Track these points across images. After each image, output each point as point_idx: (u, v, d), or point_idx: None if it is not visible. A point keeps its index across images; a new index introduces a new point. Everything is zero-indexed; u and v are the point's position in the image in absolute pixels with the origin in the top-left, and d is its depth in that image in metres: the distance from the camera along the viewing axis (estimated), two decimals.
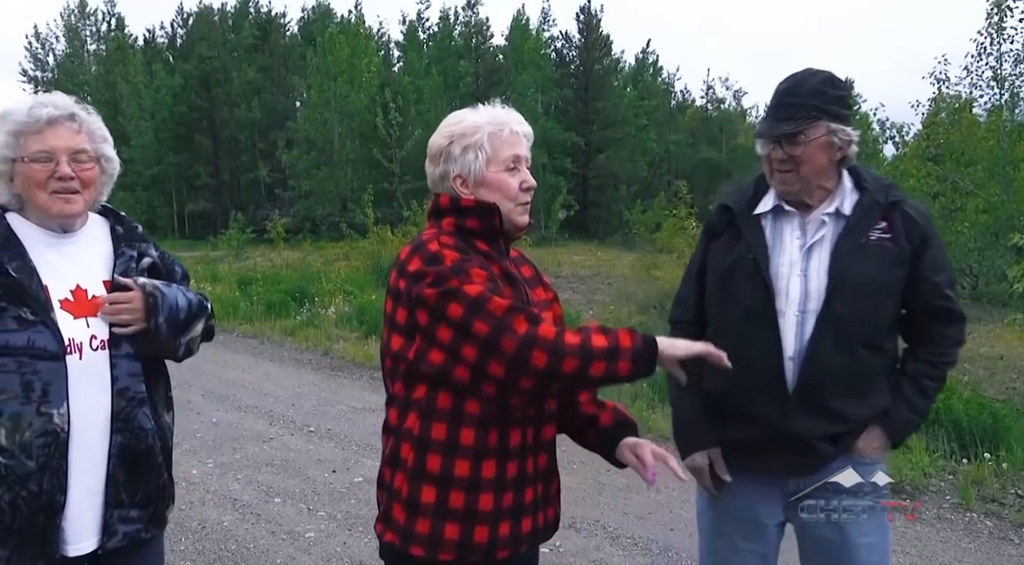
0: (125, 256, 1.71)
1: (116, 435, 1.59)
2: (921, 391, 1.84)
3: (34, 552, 1.53)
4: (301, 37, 42.44)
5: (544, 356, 1.37)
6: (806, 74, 1.80)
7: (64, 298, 1.58)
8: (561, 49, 38.70)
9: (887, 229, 1.77)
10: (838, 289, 1.73)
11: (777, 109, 1.79)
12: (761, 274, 1.79)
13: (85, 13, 41.71)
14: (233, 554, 3.54)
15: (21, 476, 1.49)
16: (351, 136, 31.68)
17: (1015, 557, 3.56)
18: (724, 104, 46.53)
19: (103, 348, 1.60)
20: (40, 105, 1.59)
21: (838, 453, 1.80)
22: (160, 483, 1.70)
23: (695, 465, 1.92)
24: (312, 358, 8.29)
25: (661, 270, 12.96)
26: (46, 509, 1.51)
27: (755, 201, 1.89)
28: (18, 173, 1.58)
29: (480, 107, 1.63)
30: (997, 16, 12.19)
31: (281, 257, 17.57)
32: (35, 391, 1.50)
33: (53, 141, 1.58)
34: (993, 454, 4.53)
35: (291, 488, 4.36)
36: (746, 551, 1.91)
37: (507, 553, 1.56)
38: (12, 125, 1.57)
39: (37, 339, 1.51)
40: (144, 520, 1.66)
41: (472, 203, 1.58)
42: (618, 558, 3.51)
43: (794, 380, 1.77)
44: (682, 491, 4.36)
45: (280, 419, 5.78)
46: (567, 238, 27.93)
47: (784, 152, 1.76)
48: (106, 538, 1.60)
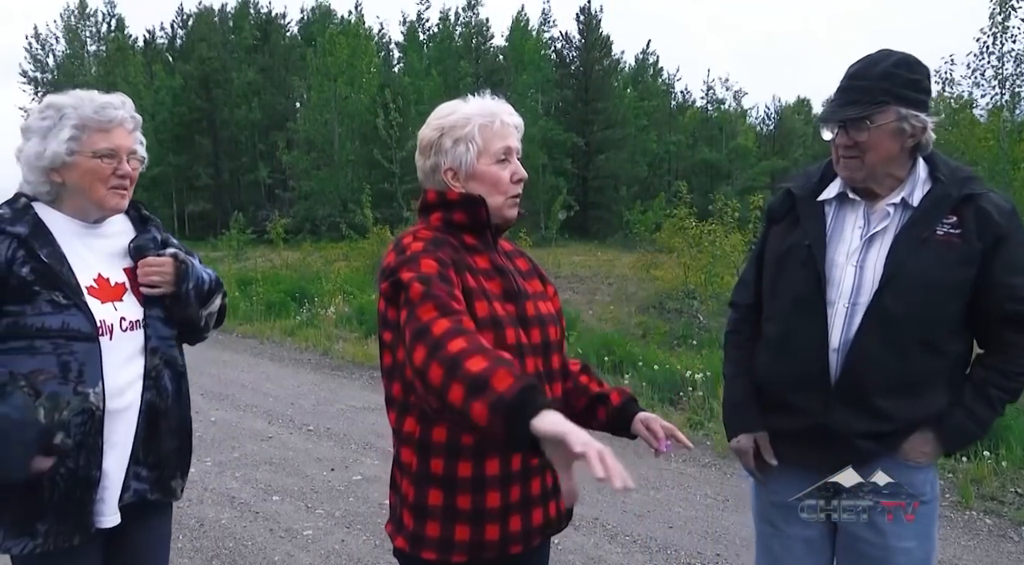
0: (149, 234, 1.81)
1: (146, 392, 1.69)
2: (984, 399, 1.71)
3: (71, 526, 1.59)
4: (301, 38, 42.45)
5: (423, 352, 1.25)
6: (880, 55, 1.69)
7: (90, 285, 1.66)
8: (561, 50, 38.74)
9: (956, 224, 1.65)
10: (891, 283, 1.65)
11: (844, 92, 1.70)
12: (814, 262, 1.73)
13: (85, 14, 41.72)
14: (231, 551, 3.54)
15: (60, 453, 1.56)
16: (351, 137, 31.69)
17: (1014, 554, 3.56)
18: (724, 104, 46.50)
19: (132, 329, 1.69)
20: (111, 106, 1.68)
21: (882, 452, 1.72)
22: (171, 448, 1.77)
23: (739, 447, 1.90)
24: (312, 358, 8.28)
25: (661, 270, 12.97)
26: (83, 484, 1.58)
27: (820, 187, 1.83)
28: (78, 166, 1.64)
29: (470, 98, 1.62)
30: (1001, 15, 12.19)
31: (281, 257, 17.56)
32: (72, 371, 1.57)
33: (118, 140, 1.68)
34: (993, 453, 4.53)
35: (289, 486, 4.35)
36: (789, 536, 1.87)
37: (520, 548, 1.54)
38: (78, 120, 1.64)
39: (71, 321, 1.58)
40: (151, 481, 1.72)
41: (458, 196, 1.57)
42: (617, 556, 3.50)
43: (837, 373, 1.71)
44: (682, 489, 4.36)
45: (279, 418, 5.77)
46: (567, 238, 27.94)
47: (849, 138, 1.68)
48: (123, 493, 1.67)
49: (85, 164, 1.64)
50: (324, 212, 29.70)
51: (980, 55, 12.64)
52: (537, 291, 1.68)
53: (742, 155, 41.00)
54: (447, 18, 40.52)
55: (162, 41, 45.74)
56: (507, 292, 1.56)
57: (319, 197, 30.87)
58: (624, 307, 11.28)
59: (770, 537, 1.92)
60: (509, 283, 1.57)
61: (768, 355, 1.86)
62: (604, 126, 36.29)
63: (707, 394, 5.90)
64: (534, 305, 1.61)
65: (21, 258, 1.57)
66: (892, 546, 1.74)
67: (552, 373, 1.61)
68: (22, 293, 1.56)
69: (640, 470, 4.63)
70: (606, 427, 1.75)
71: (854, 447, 1.73)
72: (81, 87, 1.76)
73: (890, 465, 1.75)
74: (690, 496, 4.25)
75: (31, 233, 1.60)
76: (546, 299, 1.70)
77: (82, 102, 1.66)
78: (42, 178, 1.66)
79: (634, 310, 11.22)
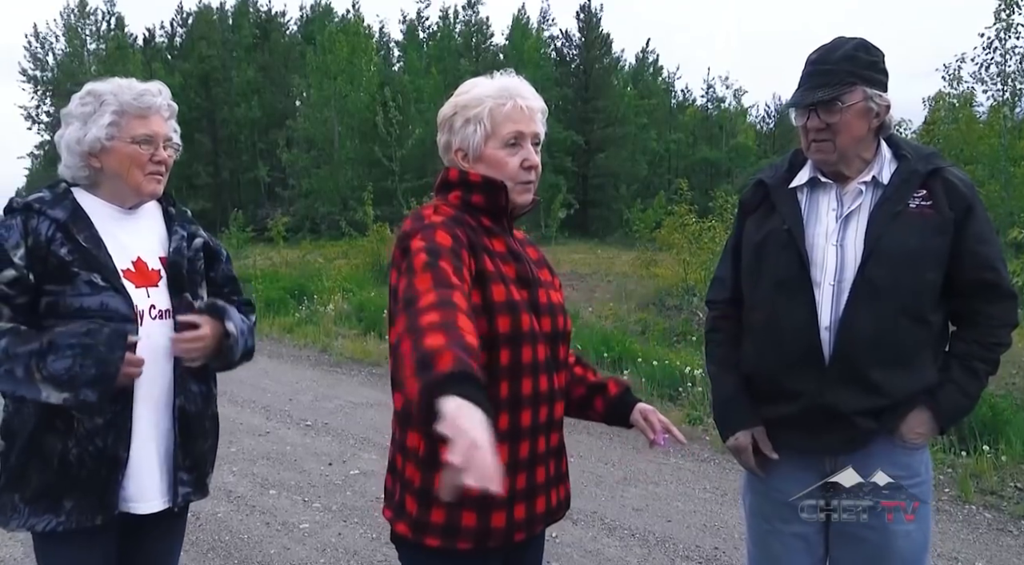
0: (178, 234, 1.82)
1: (177, 398, 1.71)
2: (972, 373, 1.75)
3: (94, 504, 1.62)
4: (301, 36, 42.40)
5: (402, 322, 1.21)
6: (837, 42, 1.74)
7: (126, 268, 1.68)
8: (561, 48, 38.73)
9: (927, 197, 1.70)
10: (873, 257, 1.68)
11: (810, 77, 1.72)
12: (795, 244, 1.75)
13: (85, 12, 41.64)
14: (227, 544, 3.52)
15: (89, 431, 1.60)
16: (351, 135, 31.65)
17: (1014, 548, 3.55)
18: (724, 103, 46.47)
19: (161, 317, 1.71)
20: (149, 93, 1.71)
21: (880, 430, 1.73)
22: (205, 449, 1.82)
23: (737, 445, 1.87)
24: (310, 355, 8.27)
25: (660, 268, 12.95)
26: (109, 464, 1.61)
27: (790, 175, 1.85)
28: (116, 152, 1.68)
29: (496, 75, 1.57)
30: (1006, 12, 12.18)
31: (281, 255, 17.54)
32: None
33: (155, 126, 1.72)
34: (992, 447, 4.52)
35: (286, 480, 4.34)
36: (787, 534, 1.85)
37: (523, 535, 1.53)
38: (118, 106, 1.68)
39: (109, 302, 1.61)
40: (191, 484, 1.77)
41: (479, 179, 1.53)
42: (615, 549, 3.49)
43: (830, 351, 1.71)
44: (680, 484, 4.35)
45: (277, 413, 5.76)
46: (567, 237, 27.94)
47: (821, 120, 1.70)
48: (174, 498, 1.72)
49: (123, 149, 1.68)
50: (324, 210, 29.68)
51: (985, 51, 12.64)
52: (547, 280, 1.67)
53: (742, 153, 40.99)
54: (447, 16, 40.49)
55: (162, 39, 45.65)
56: (522, 278, 1.54)
57: (319, 195, 30.84)
58: (624, 304, 11.25)
59: (767, 534, 1.89)
60: (524, 269, 1.55)
61: (756, 343, 1.86)
62: (604, 124, 36.28)
63: (706, 390, 5.88)
64: (546, 293, 1.59)
65: (60, 239, 1.61)
66: (893, 530, 1.74)
67: (558, 363, 1.59)
68: (61, 273, 1.59)
69: (639, 465, 4.63)
70: (603, 418, 1.74)
71: (853, 425, 1.72)
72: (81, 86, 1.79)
73: (887, 448, 1.75)
74: (688, 490, 4.24)
75: (70, 217, 1.64)
76: (555, 290, 1.68)
77: (121, 89, 1.70)
78: (81, 163, 1.69)
79: (634, 307, 11.20)
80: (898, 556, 1.75)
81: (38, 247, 1.59)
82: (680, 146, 41.80)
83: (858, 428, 1.73)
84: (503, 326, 1.44)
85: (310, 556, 3.41)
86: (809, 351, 1.73)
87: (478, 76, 1.62)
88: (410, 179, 27.69)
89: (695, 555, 3.44)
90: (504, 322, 1.44)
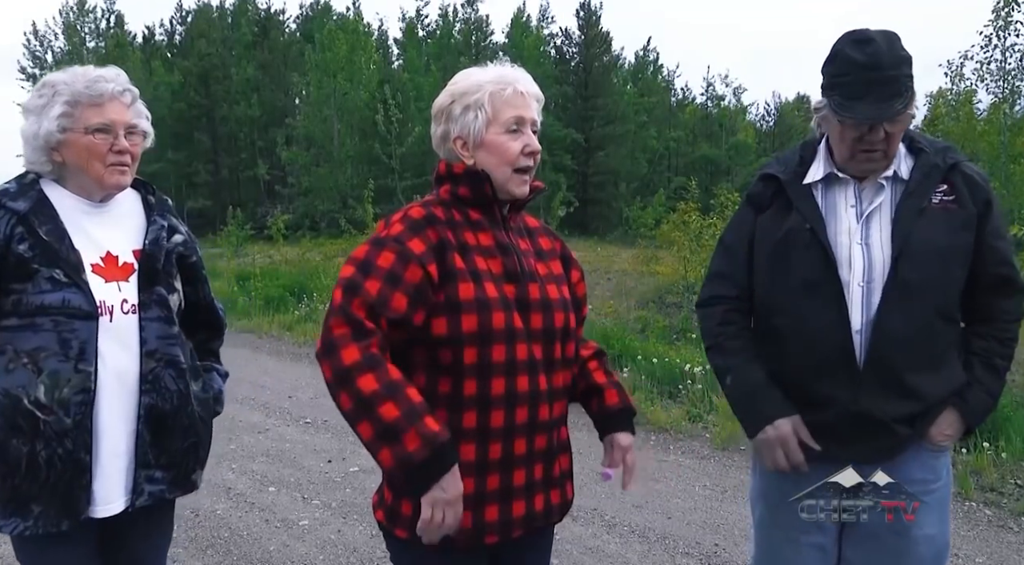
0: (156, 224, 1.76)
1: (144, 396, 1.64)
2: (994, 371, 1.71)
3: (60, 510, 1.57)
4: (300, 34, 42.36)
5: (328, 372, 1.36)
6: (884, 40, 1.60)
7: (95, 263, 1.63)
8: (561, 46, 38.63)
9: (949, 192, 1.66)
10: (904, 256, 1.62)
11: (875, 86, 1.57)
12: (820, 244, 1.67)
13: (84, 10, 41.60)
14: (226, 541, 3.52)
15: (58, 432, 1.54)
16: (350, 133, 31.60)
17: (1014, 545, 3.54)
18: (724, 101, 46.41)
19: (133, 312, 1.65)
20: (103, 79, 1.63)
21: (915, 437, 1.68)
22: (186, 446, 1.73)
23: (781, 434, 1.70)
24: (310, 352, 8.25)
25: (660, 265, 12.95)
26: (73, 467, 1.56)
27: (803, 170, 1.77)
28: (72, 144, 1.61)
29: (489, 65, 1.56)
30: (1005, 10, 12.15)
31: (280, 253, 17.52)
32: (72, 349, 1.55)
33: (112, 114, 1.63)
34: (992, 444, 4.51)
35: (286, 477, 4.34)
36: (805, 544, 1.77)
37: (496, 538, 1.49)
38: (70, 96, 1.60)
39: (72, 299, 1.56)
40: (167, 481, 1.70)
41: (463, 170, 1.52)
42: (615, 546, 3.49)
43: (863, 355, 1.64)
44: (681, 480, 4.34)
45: (276, 411, 5.76)
46: (567, 234, 27.82)
47: (884, 131, 1.60)
48: (135, 497, 1.65)
49: (79, 141, 1.61)
50: (323, 208, 29.64)
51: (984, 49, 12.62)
52: (552, 274, 1.61)
53: (742, 152, 40.93)
54: (446, 14, 40.45)
55: (161, 37, 45.62)
56: (509, 272, 1.50)
57: (318, 193, 30.80)
58: (624, 302, 11.25)
59: (783, 544, 1.81)
60: (512, 263, 1.51)
61: (778, 348, 1.75)
62: (604, 122, 36.22)
63: (706, 387, 5.88)
64: (541, 288, 1.54)
65: (19, 235, 1.55)
66: (915, 535, 1.71)
67: (553, 361, 1.54)
68: (22, 270, 1.54)
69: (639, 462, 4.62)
70: (593, 419, 1.71)
71: (892, 433, 1.67)
72: None
73: (915, 452, 1.71)
74: (688, 487, 4.24)
75: (32, 209, 1.58)
76: (563, 283, 1.62)
77: (75, 78, 1.62)
78: (43, 157, 1.64)
79: (634, 305, 11.21)
80: (917, 560, 1.72)
81: None
82: (680, 144, 41.77)
83: (897, 436, 1.67)
84: (468, 325, 1.42)
85: (309, 553, 3.40)
86: (842, 355, 1.65)
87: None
88: (410, 177, 27.65)
89: (695, 552, 3.44)
90: (470, 321, 1.42)
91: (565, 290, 1.62)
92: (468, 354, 1.43)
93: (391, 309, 1.38)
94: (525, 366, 1.47)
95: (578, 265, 1.73)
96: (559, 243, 1.70)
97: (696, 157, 41.08)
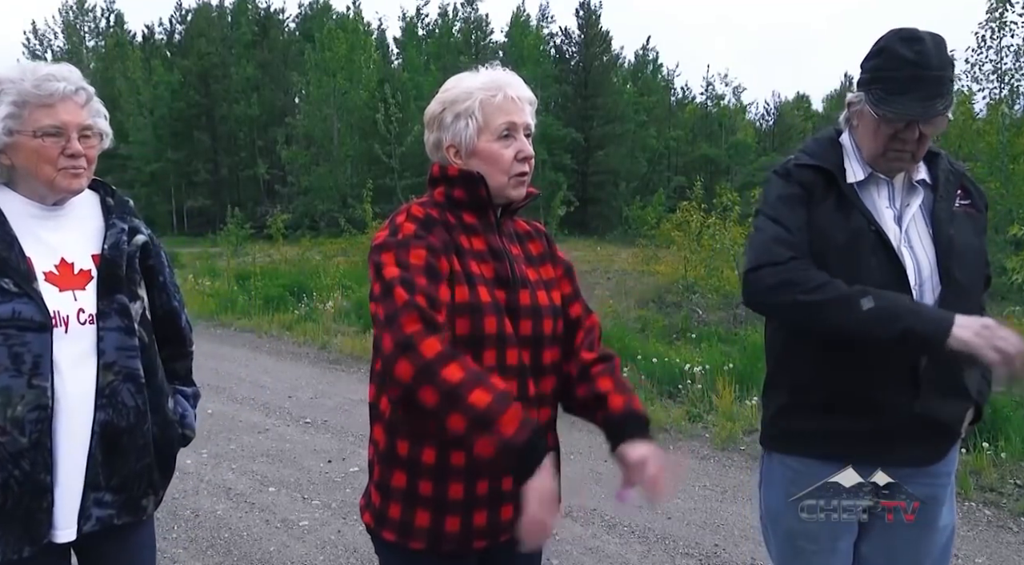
0: (116, 228, 1.64)
1: (99, 411, 1.53)
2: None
3: (20, 535, 1.47)
4: (299, 33, 42.36)
5: (409, 370, 1.27)
6: (932, 41, 1.59)
7: (49, 271, 1.52)
8: (561, 45, 38.67)
9: (964, 196, 1.71)
10: (950, 256, 1.63)
11: (925, 83, 1.57)
12: (888, 249, 1.63)
13: (84, 9, 41.64)
14: (226, 542, 3.52)
15: (13, 454, 1.43)
16: (350, 132, 31.63)
17: (1013, 545, 3.55)
18: (723, 100, 46.42)
19: (91, 322, 1.54)
20: (52, 78, 1.50)
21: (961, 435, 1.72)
22: (139, 468, 1.61)
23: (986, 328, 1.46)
24: (310, 352, 8.26)
25: (660, 265, 12.97)
26: (32, 490, 1.45)
27: (843, 169, 1.72)
28: (20, 147, 1.49)
29: (481, 70, 1.54)
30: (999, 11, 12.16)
31: (280, 253, 17.53)
32: (25, 363, 1.45)
33: (64, 116, 1.51)
34: (992, 444, 4.51)
35: (286, 478, 4.34)
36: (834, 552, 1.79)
37: (485, 543, 1.49)
38: (17, 95, 1.48)
39: (23, 310, 1.45)
40: (117, 505, 1.58)
41: (457, 172, 1.51)
42: (615, 546, 3.49)
43: (926, 359, 1.62)
44: (680, 481, 4.34)
45: (276, 411, 5.75)
46: (567, 234, 27.86)
47: (920, 131, 1.59)
48: (82, 522, 1.53)
49: (28, 144, 1.49)
50: (323, 207, 29.65)
51: (978, 50, 12.62)
52: (544, 278, 1.60)
53: (741, 151, 40.95)
54: (446, 13, 40.46)
55: (161, 37, 45.66)
56: (500, 278, 1.49)
57: (318, 192, 30.82)
58: (623, 301, 11.26)
59: (813, 556, 1.79)
60: (504, 269, 1.50)
61: (838, 353, 1.65)
62: (604, 122, 36.26)
63: (706, 387, 5.88)
64: (531, 294, 1.52)
65: None
66: (940, 526, 1.76)
67: (542, 367, 1.52)
68: None
69: None
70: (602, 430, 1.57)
71: (952, 433, 1.70)
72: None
73: None
74: (688, 487, 4.24)
75: None
76: (553, 288, 1.61)
77: (24, 75, 1.49)
78: None
79: (633, 304, 11.21)
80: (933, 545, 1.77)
81: None
82: (679, 143, 41.78)
83: (955, 436, 1.70)
84: (461, 328, 1.41)
85: (309, 553, 3.41)
86: (906, 361, 1.63)
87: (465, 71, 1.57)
88: (409, 176, 27.67)
89: (695, 552, 3.44)
90: (463, 324, 1.41)
91: (555, 296, 1.61)
92: None
93: (441, 302, 1.37)
94: (515, 371, 1.46)
95: (563, 262, 1.68)
96: (550, 245, 1.68)
97: (696, 156, 41.10)
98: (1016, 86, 12.78)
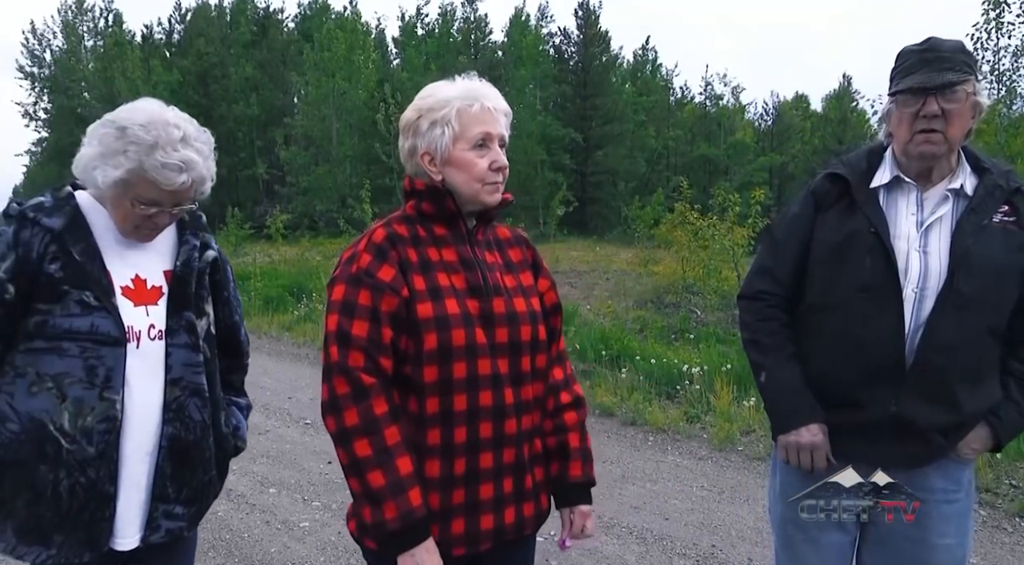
0: (189, 244, 1.69)
1: (167, 426, 1.58)
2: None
3: (83, 541, 1.52)
4: (298, 33, 42.32)
5: (332, 427, 1.43)
6: (938, 39, 1.69)
7: (125, 285, 1.57)
8: (560, 45, 38.62)
9: (1010, 213, 1.69)
10: (961, 267, 1.64)
11: (929, 62, 1.64)
12: (884, 249, 1.68)
13: (82, 9, 41.53)
14: (227, 543, 3.54)
15: (80, 462, 1.48)
16: (349, 132, 31.59)
17: (1008, 545, 3.57)
18: (722, 100, 46.38)
19: (160, 338, 1.59)
20: (179, 169, 1.52)
21: (947, 448, 1.70)
22: (207, 479, 1.68)
23: (812, 440, 1.74)
24: (309, 353, 8.28)
25: (659, 265, 12.98)
26: (97, 498, 1.50)
27: (869, 174, 1.78)
28: (117, 203, 1.54)
29: (457, 79, 1.55)
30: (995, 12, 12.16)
31: (279, 253, 17.54)
32: (99, 376, 1.49)
33: (168, 197, 1.55)
34: None
35: (286, 479, 4.36)
36: (823, 543, 1.81)
37: (464, 550, 1.51)
38: (136, 164, 1.50)
39: (100, 324, 1.50)
40: (188, 517, 1.65)
41: (423, 187, 1.53)
42: (613, 547, 3.51)
43: (912, 361, 1.66)
44: (678, 481, 4.37)
45: (276, 412, 5.78)
46: (566, 234, 27.90)
47: (939, 105, 1.63)
48: (148, 533, 1.58)
49: (122, 204, 1.54)
50: (322, 207, 29.63)
51: (974, 51, 12.64)
52: (521, 286, 1.61)
53: (740, 151, 40.89)
54: (445, 13, 40.44)
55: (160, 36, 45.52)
56: (472, 287, 1.51)
57: (317, 193, 30.79)
58: (622, 302, 11.27)
59: (801, 544, 1.84)
60: (476, 278, 1.52)
61: (826, 347, 1.77)
62: (602, 121, 36.20)
63: (704, 388, 5.91)
64: (506, 302, 1.54)
65: (52, 254, 1.49)
66: (934, 543, 1.73)
67: (522, 375, 1.54)
68: (51, 292, 1.48)
69: (636, 463, 4.65)
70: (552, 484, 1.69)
71: (928, 442, 1.69)
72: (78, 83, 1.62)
73: (942, 462, 1.73)
74: (686, 488, 4.26)
75: (66, 226, 1.51)
76: (532, 295, 1.62)
77: (155, 144, 1.50)
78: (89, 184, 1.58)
79: (632, 304, 11.23)
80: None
81: (27, 262, 1.47)
82: (678, 143, 41.72)
83: (931, 444, 1.70)
84: (428, 344, 1.44)
85: (310, 554, 3.43)
86: (892, 360, 1.67)
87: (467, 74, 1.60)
88: None
89: (692, 553, 3.47)
90: (430, 339, 1.44)
91: (535, 302, 1.61)
92: (428, 372, 1.45)
93: (382, 345, 1.44)
94: (488, 381, 1.48)
95: (547, 274, 1.71)
96: (531, 252, 1.70)
97: (695, 156, 41.05)
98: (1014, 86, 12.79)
